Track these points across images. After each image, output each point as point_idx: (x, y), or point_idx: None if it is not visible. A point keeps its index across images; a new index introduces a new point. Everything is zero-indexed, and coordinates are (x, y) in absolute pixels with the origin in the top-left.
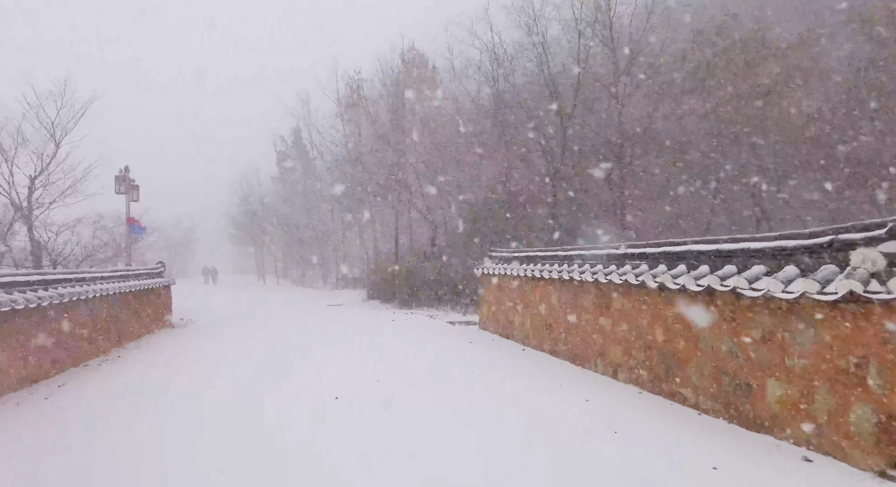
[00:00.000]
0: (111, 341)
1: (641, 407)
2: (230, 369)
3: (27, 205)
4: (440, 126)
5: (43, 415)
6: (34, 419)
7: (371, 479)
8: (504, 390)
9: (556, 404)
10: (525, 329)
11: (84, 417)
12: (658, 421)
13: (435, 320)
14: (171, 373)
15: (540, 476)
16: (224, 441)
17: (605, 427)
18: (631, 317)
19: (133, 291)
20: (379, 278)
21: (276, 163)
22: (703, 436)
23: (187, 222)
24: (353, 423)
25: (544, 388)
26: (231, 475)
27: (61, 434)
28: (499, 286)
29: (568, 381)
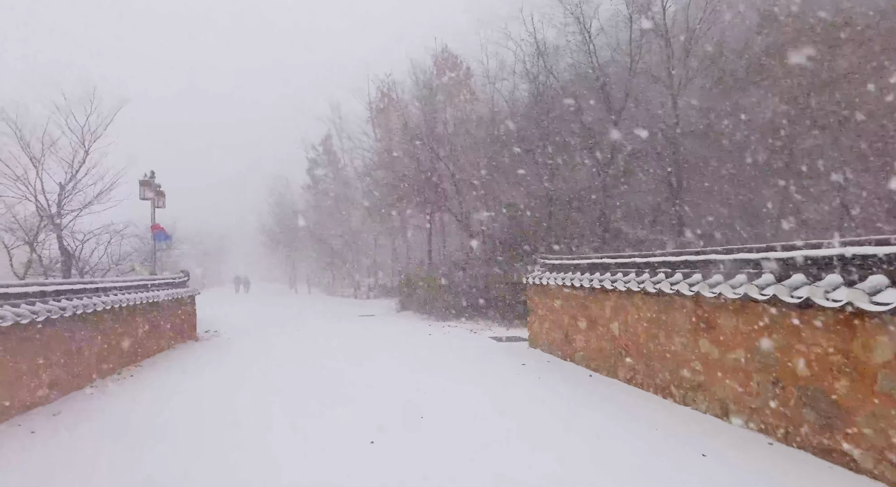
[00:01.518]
0: (126, 357)
1: (787, 470)
2: (250, 397)
3: (56, 212)
4: (475, 128)
5: (18, 457)
6: (9, 459)
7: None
8: (584, 434)
9: (662, 462)
10: (591, 351)
11: (61, 463)
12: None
13: (476, 335)
14: (183, 401)
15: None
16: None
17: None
18: (749, 341)
19: (152, 302)
20: (412, 288)
21: (307, 171)
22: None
23: (220, 231)
24: (394, 477)
25: (637, 432)
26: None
27: None
28: (553, 298)
29: (663, 422)
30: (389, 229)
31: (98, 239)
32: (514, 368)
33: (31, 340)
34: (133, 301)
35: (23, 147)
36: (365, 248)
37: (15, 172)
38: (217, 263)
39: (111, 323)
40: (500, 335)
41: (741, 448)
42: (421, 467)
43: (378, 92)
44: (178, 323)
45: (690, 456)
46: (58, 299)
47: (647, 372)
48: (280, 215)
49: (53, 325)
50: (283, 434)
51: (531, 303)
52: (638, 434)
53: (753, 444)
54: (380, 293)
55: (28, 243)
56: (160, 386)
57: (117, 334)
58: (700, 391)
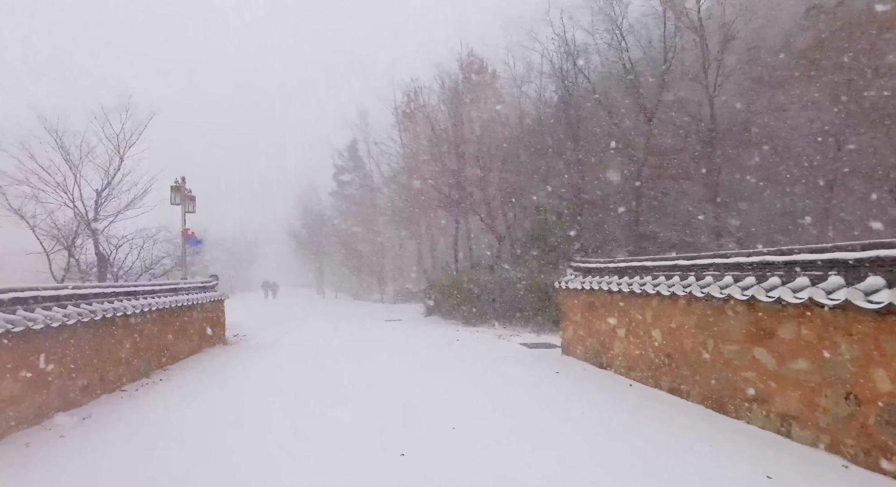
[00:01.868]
0: (155, 361)
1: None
2: (276, 404)
3: (93, 217)
4: (501, 131)
5: (49, 461)
6: (37, 466)
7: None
8: (637, 451)
9: (726, 484)
10: (630, 359)
11: (92, 467)
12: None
13: (505, 340)
14: (213, 409)
15: None
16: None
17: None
18: (815, 351)
19: (181, 306)
20: (438, 292)
21: (334, 177)
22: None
23: (251, 237)
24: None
25: (693, 449)
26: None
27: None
28: (588, 303)
29: (717, 438)
30: (415, 234)
31: (131, 244)
32: (548, 376)
33: (63, 343)
34: (163, 305)
35: (63, 155)
36: (390, 252)
37: (55, 179)
38: (247, 268)
39: (141, 327)
40: (529, 342)
41: (812, 471)
42: (458, 483)
43: (404, 97)
44: (207, 327)
45: (755, 479)
46: (89, 303)
47: (694, 382)
48: (308, 220)
49: (85, 328)
50: (318, 444)
51: (564, 308)
52: (693, 450)
53: (825, 466)
54: (405, 298)
55: (67, 247)
56: (189, 392)
57: (147, 337)
58: (757, 405)
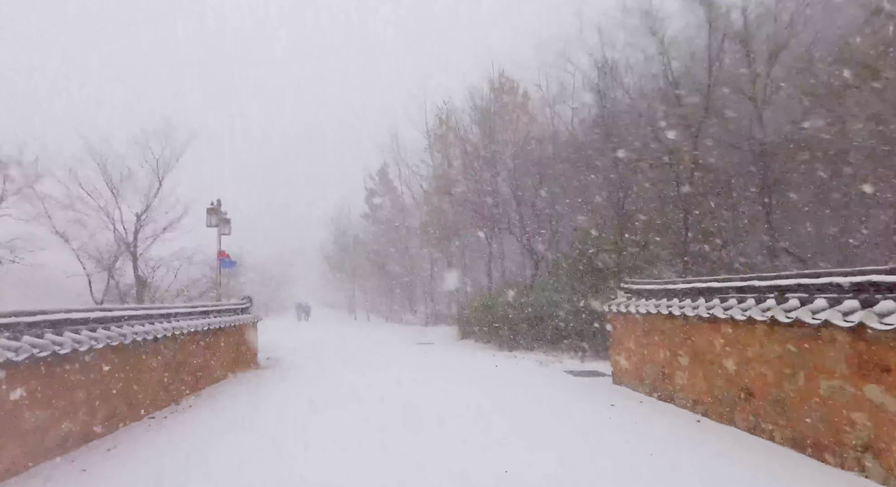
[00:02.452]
0: (185, 386)
1: None
2: (309, 440)
3: (133, 240)
4: (536, 149)
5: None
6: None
7: None
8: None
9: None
10: (697, 392)
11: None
12: None
13: (547, 368)
14: (239, 436)
15: None
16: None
17: None
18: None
19: (213, 329)
20: (472, 315)
21: (366, 199)
22: None
23: (285, 259)
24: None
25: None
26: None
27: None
28: (644, 329)
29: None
30: (447, 256)
31: (168, 266)
32: (603, 410)
33: (90, 368)
34: (194, 328)
35: (106, 180)
36: (422, 275)
37: (98, 204)
38: (282, 290)
39: (172, 350)
40: (574, 369)
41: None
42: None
43: (436, 119)
44: (239, 351)
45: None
46: (119, 325)
47: (781, 422)
48: (340, 242)
49: (113, 352)
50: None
51: (614, 334)
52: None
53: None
54: (437, 320)
55: (107, 270)
56: (218, 422)
57: (177, 361)
58: (870, 453)
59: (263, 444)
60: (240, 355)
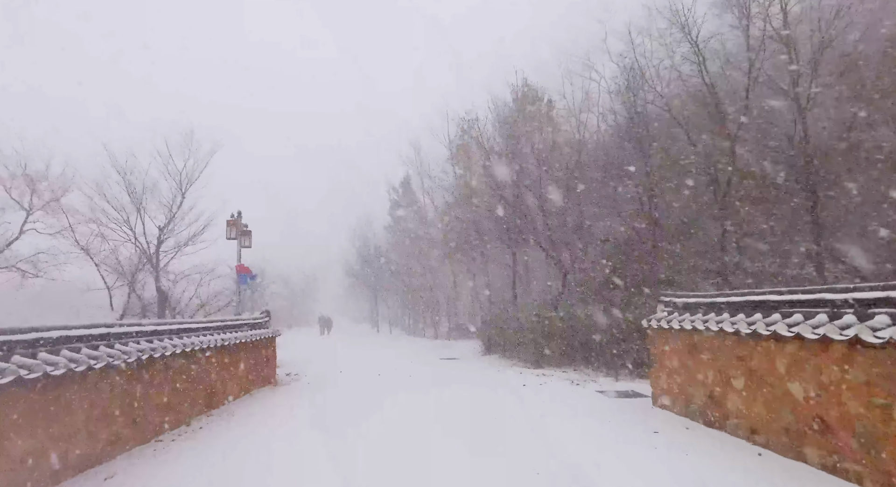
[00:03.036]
0: (199, 405)
1: None
2: (326, 470)
3: (155, 253)
4: (561, 157)
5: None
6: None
7: None
8: None
9: None
10: (755, 419)
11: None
12: None
13: (580, 387)
14: (251, 464)
15: None
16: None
17: None
18: None
19: (229, 345)
20: (497, 329)
21: (389, 211)
22: None
23: (309, 272)
24: None
25: None
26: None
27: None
28: (689, 346)
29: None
30: (470, 268)
31: (188, 279)
32: (646, 438)
33: (90, 389)
34: (207, 344)
35: (129, 192)
36: (445, 287)
37: (121, 216)
38: (306, 303)
39: (184, 368)
40: (608, 389)
41: None
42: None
43: (458, 129)
44: (256, 366)
45: None
46: (125, 342)
47: (869, 461)
48: (363, 255)
49: (117, 372)
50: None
51: (655, 351)
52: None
53: None
54: (460, 334)
55: (128, 284)
56: (230, 446)
57: (190, 379)
58: None
59: (273, 477)
60: (258, 371)
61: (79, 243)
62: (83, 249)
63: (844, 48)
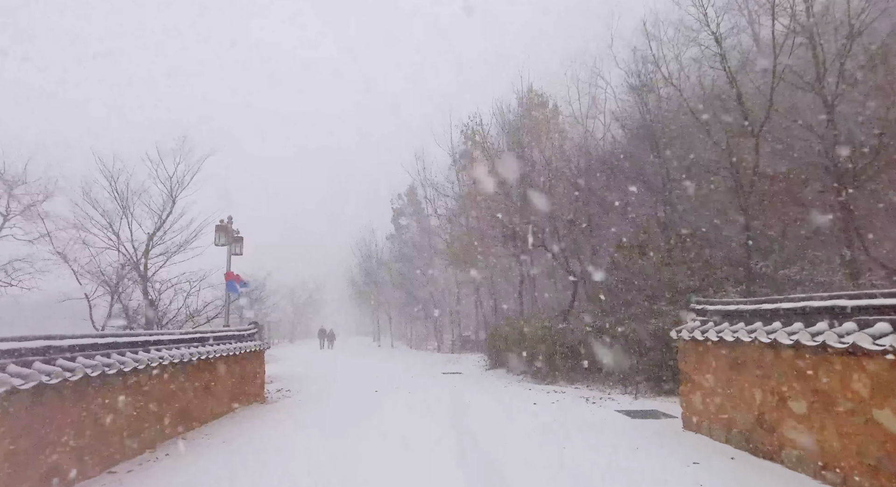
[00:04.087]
0: (169, 428)
1: None
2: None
3: (143, 262)
4: (570, 163)
5: None
6: None
7: None
8: None
9: None
10: (826, 452)
11: None
12: None
13: (596, 406)
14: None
15: None
16: None
17: None
18: None
19: (207, 359)
20: (502, 342)
21: (392, 220)
22: None
23: (311, 284)
24: None
25: None
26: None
27: None
28: (730, 361)
29: None
30: (474, 279)
31: (176, 288)
32: (686, 471)
33: (17, 415)
34: (181, 358)
35: (116, 197)
36: (448, 298)
37: (107, 221)
38: (309, 315)
39: (150, 386)
40: (629, 409)
41: None
42: None
43: (461, 136)
44: (242, 382)
45: None
46: (72, 358)
47: None
48: (366, 265)
49: (56, 392)
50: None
51: (685, 367)
52: None
53: None
54: (463, 347)
55: (112, 293)
56: (198, 481)
57: (157, 399)
58: None
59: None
60: (244, 387)
61: (56, 250)
62: (60, 254)
63: (873, 40)
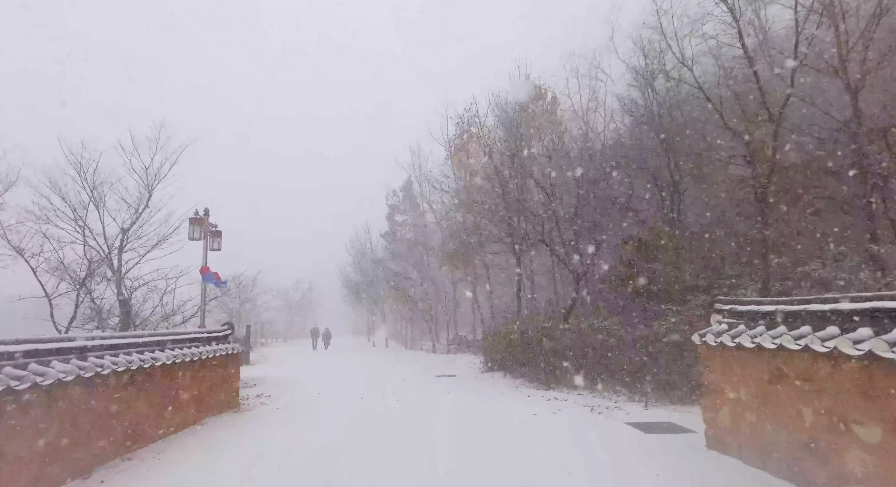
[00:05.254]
0: (111, 448)
1: None
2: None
3: (118, 259)
4: (569, 156)
5: None
6: None
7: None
8: None
9: None
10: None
11: None
12: None
13: (602, 416)
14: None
15: None
16: None
17: None
18: None
19: (165, 365)
20: (500, 344)
21: (387, 217)
22: None
23: (306, 283)
24: None
25: None
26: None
27: None
28: (770, 372)
29: None
30: (470, 276)
31: (150, 286)
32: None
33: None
34: (126, 366)
35: (85, 187)
36: (444, 297)
37: (77, 214)
38: (303, 315)
39: (83, 399)
40: (639, 420)
41: None
42: None
43: (457, 129)
44: (211, 390)
45: None
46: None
47: None
48: (360, 264)
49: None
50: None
51: (711, 376)
52: None
53: None
54: (460, 347)
55: (77, 290)
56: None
57: (95, 414)
58: None
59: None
60: (214, 395)
61: (12, 244)
62: (15, 249)
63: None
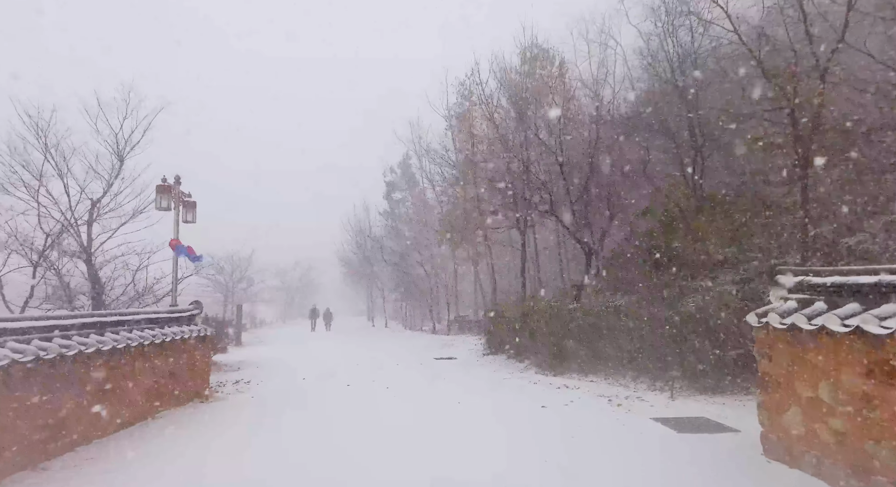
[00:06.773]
0: (20, 455)
1: None
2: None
3: (87, 232)
4: (580, 118)
5: None
6: None
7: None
8: None
9: None
10: None
11: None
12: None
13: (623, 410)
14: None
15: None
16: None
17: None
18: None
19: (110, 349)
20: (503, 325)
21: (385, 195)
22: None
23: (305, 264)
24: None
25: None
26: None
27: None
28: (867, 366)
29: None
30: (472, 254)
31: (118, 262)
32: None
33: None
34: (57, 352)
35: (44, 153)
36: (445, 277)
37: (37, 181)
38: (305, 296)
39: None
40: (668, 416)
41: None
42: None
43: (458, 96)
44: (172, 378)
45: None
46: None
47: None
48: (359, 242)
49: None
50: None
51: (772, 368)
52: None
53: None
54: (461, 328)
55: (35, 266)
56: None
57: (23, 408)
58: None
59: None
60: (176, 384)
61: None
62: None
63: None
